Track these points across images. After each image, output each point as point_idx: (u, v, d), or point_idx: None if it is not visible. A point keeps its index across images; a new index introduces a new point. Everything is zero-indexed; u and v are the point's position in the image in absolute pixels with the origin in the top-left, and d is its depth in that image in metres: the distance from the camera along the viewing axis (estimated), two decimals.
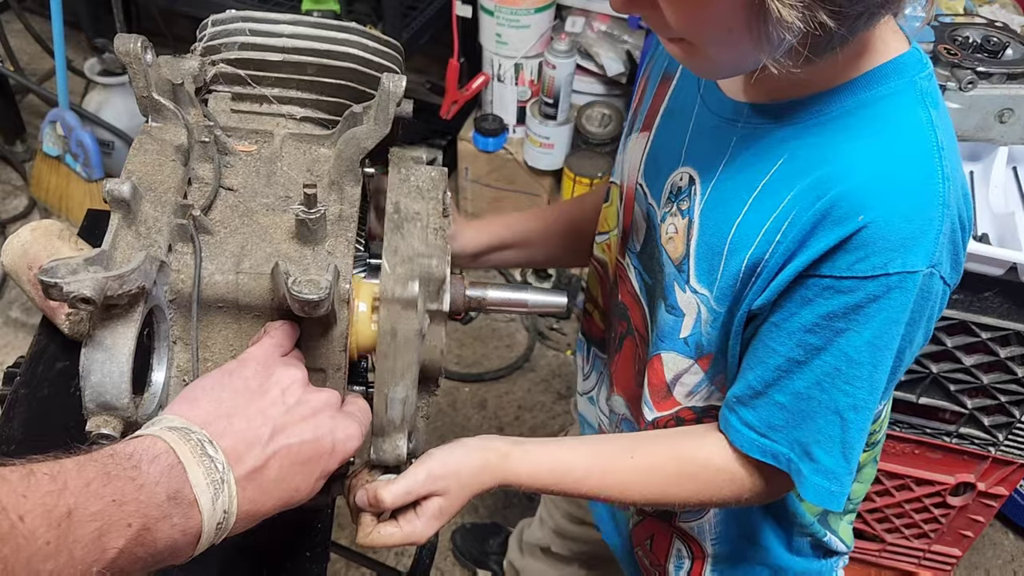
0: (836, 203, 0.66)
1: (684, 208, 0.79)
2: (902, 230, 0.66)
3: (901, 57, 0.70)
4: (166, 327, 0.65)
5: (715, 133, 0.77)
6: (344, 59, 0.76)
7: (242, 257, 0.66)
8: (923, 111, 0.69)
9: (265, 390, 0.61)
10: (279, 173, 0.74)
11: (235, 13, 0.78)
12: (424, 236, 0.73)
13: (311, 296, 0.60)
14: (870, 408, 0.74)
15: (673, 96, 0.85)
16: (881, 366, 0.71)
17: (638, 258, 0.88)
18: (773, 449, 0.76)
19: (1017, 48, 1.33)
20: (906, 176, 0.67)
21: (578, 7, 2.35)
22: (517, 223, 1.08)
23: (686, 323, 0.80)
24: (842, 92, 0.70)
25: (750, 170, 0.74)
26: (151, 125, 0.72)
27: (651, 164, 0.86)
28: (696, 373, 0.82)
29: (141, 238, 0.63)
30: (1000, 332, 1.36)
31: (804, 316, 0.70)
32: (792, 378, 0.73)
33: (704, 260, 0.77)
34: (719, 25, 0.62)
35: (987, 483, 1.59)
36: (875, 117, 0.69)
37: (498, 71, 2.39)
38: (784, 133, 0.72)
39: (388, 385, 0.69)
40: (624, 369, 0.96)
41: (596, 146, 2.42)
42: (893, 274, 0.66)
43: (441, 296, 0.71)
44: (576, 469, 0.81)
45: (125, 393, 0.59)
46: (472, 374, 2.34)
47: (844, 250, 0.67)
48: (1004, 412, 1.47)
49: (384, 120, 0.73)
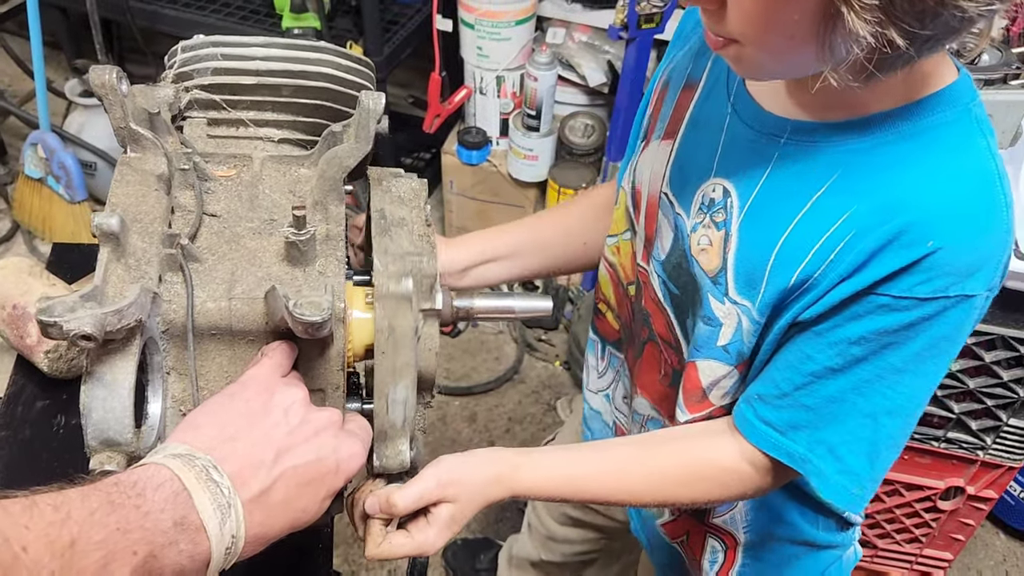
0: (906, 229, 0.67)
1: (719, 220, 0.79)
2: (969, 257, 0.67)
3: (955, 84, 0.70)
4: (160, 358, 0.64)
5: (752, 147, 0.77)
6: (318, 79, 0.76)
7: (233, 283, 0.66)
8: (982, 139, 0.70)
9: (267, 411, 0.61)
10: (261, 196, 0.74)
11: (205, 38, 0.77)
12: (412, 238, 0.74)
13: (315, 318, 0.60)
14: (906, 417, 0.74)
15: (698, 105, 0.85)
16: (924, 376, 0.72)
17: (662, 266, 0.88)
18: (789, 448, 0.77)
19: (993, 54, 1.34)
20: (975, 205, 0.68)
21: (558, 18, 2.36)
22: (503, 235, 1.07)
23: (724, 332, 0.80)
24: (899, 117, 0.70)
25: (796, 187, 0.74)
26: (130, 155, 0.71)
27: (677, 173, 0.86)
28: (733, 377, 0.83)
29: (131, 270, 0.63)
30: (985, 336, 1.37)
31: (851, 329, 0.71)
32: (825, 383, 0.74)
33: (744, 273, 0.77)
34: (783, 31, 0.62)
35: (976, 486, 1.60)
36: (936, 144, 0.69)
37: (480, 84, 2.40)
38: (834, 153, 0.72)
39: (388, 385, 0.69)
40: (647, 372, 0.96)
41: (580, 157, 2.42)
42: (952, 296, 0.67)
43: (433, 295, 0.71)
44: (586, 477, 0.82)
45: (128, 428, 0.59)
46: (461, 387, 2.33)
47: (909, 272, 0.67)
48: (991, 416, 1.48)
49: (365, 138, 0.73)
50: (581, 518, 1.31)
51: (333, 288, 0.65)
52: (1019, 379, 1.42)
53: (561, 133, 2.42)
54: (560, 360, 2.44)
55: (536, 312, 0.83)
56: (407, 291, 0.67)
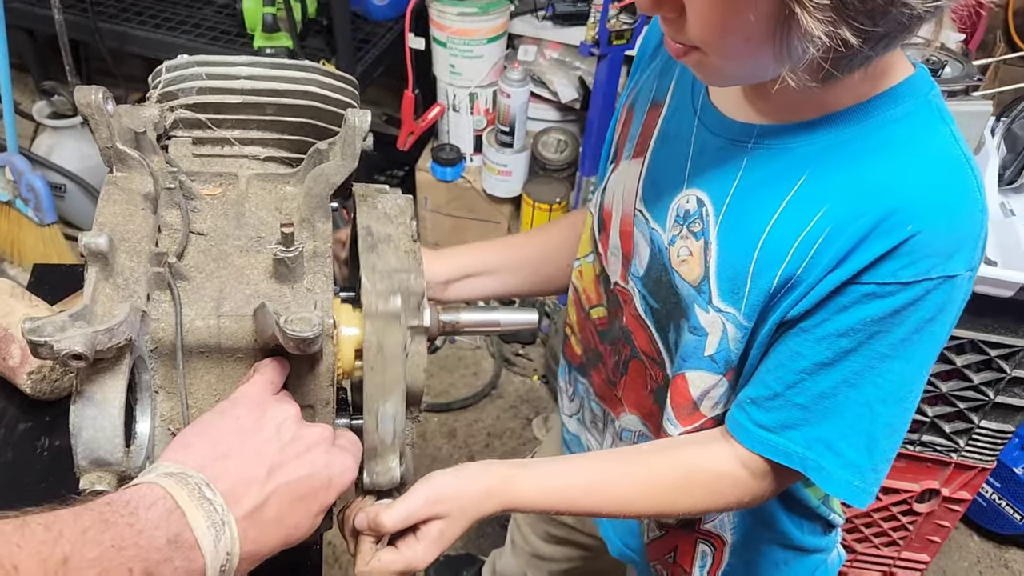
0: (885, 217, 0.69)
1: (697, 230, 0.80)
2: (948, 238, 0.69)
3: (913, 77, 0.73)
4: (148, 377, 0.64)
5: (721, 155, 0.79)
6: (303, 97, 0.77)
7: (221, 301, 0.66)
8: (944, 126, 0.72)
9: (259, 428, 0.61)
10: (248, 214, 0.74)
11: (189, 58, 0.78)
12: (399, 255, 0.74)
13: (306, 334, 0.60)
14: (900, 403, 0.75)
15: (666, 120, 0.86)
16: (913, 360, 0.73)
17: (642, 282, 0.89)
18: (786, 448, 0.77)
19: (955, 66, 1.38)
20: (949, 187, 0.70)
21: (530, 36, 2.38)
22: (485, 251, 1.08)
23: (710, 341, 0.81)
24: (861, 112, 0.72)
25: (768, 190, 0.75)
26: (116, 175, 0.71)
27: (650, 189, 0.87)
28: (723, 386, 0.84)
29: (120, 289, 0.62)
30: (956, 341, 1.40)
31: (839, 321, 0.72)
32: (816, 379, 0.75)
33: (727, 280, 0.78)
34: (740, 34, 0.64)
35: (951, 488, 1.62)
36: (901, 135, 0.71)
37: (453, 101, 2.41)
38: (802, 152, 0.74)
39: (378, 402, 0.69)
40: (634, 389, 0.97)
41: (553, 172, 2.44)
42: (935, 278, 0.69)
43: (421, 312, 0.72)
44: (579, 487, 0.82)
45: (118, 447, 0.59)
46: (440, 404, 2.33)
47: (891, 258, 0.69)
48: (963, 418, 1.51)
49: (352, 155, 0.73)
50: (564, 536, 1.30)
51: (322, 304, 0.66)
52: (989, 382, 1.45)
53: (534, 149, 2.44)
54: (538, 374, 2.44)
55: (522, 324, 0.84)
56: (396, 309, 0.67)
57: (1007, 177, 1.45)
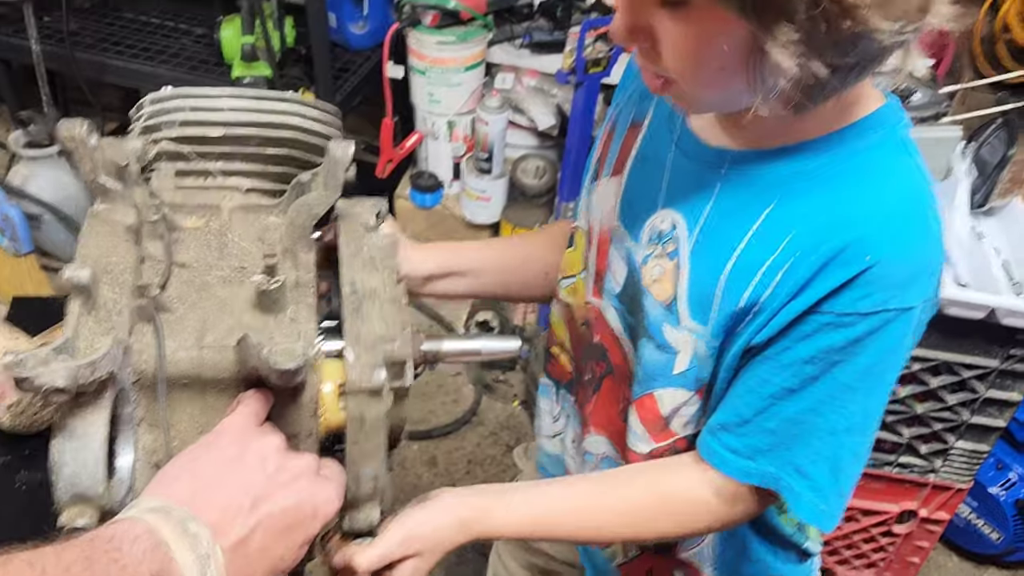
0: (844, 247, 0.70)
1: (670, 251, 0.81)
2: (905, 270, 0.70)
3: (882, 109, 0.74)
4: (130, 410, 0.64)
5: (696, 178, 0.80)
6: (285, 129, 0.77)
7: (204, 332, 0.66)
8: (909, 159, 0.74)
9: (244, 459, 0.61)
10: (231, 245, 0.74)
11: (173, 90, 0.78)
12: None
13: (289, 366, 0.60)
14: (863, 432, 0.77)
15: (644, 142, 0.87)
16: (875, 391, 0.75)
17: (619, 299, 0.90)
18: (760, 470, 0.78)
19: (925, 93, 1.42)
20: (906, 220, 0.71)
21: (507, 64, 2.41)
22: (467, 250, 1.08)
23: (681, 359, 0.82)
24: (831, 142, 0.73)
25: (740, 214, 0.76)
26: (99, 207, 0.71)
27: (626, 207, 0.88)
28: (694, 404, 0.84)
29: (102, 322, 0.62)
30: (930, 363, 1.43)
31: (802, 349, 0.73)
32: (783, 405, 0.76)
33: (696, 300, 0.79)
34: (713, 64, 0.65)
35: (929, 509, 1.64)
36: (867, 167, 0.73)
37: (432, 128, 2.43)
38: (772, 179, 0.75)
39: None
40: (604, 408, 0.97)
41: (532, 197, 2.46)
42: (892, 310, 0.70)
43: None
44: (553, 515, 0.82)
45: (100, 481, 0.58)
46: (420, 431, 2.32)
47: (849, 288, 0.70)
48: (939, 439, 1.53)
49: (334, 186, 0.74)
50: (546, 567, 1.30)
51: (305, 335, 0.66)
52: (963, 402, 1.47)
53: (513, 175, 2.46)
54: (518, 400, 2.44)
55: (504, 352, 0.84)
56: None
57: (977, 201, 1.48)
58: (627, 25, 0.68)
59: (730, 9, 0.59)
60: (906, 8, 0.59)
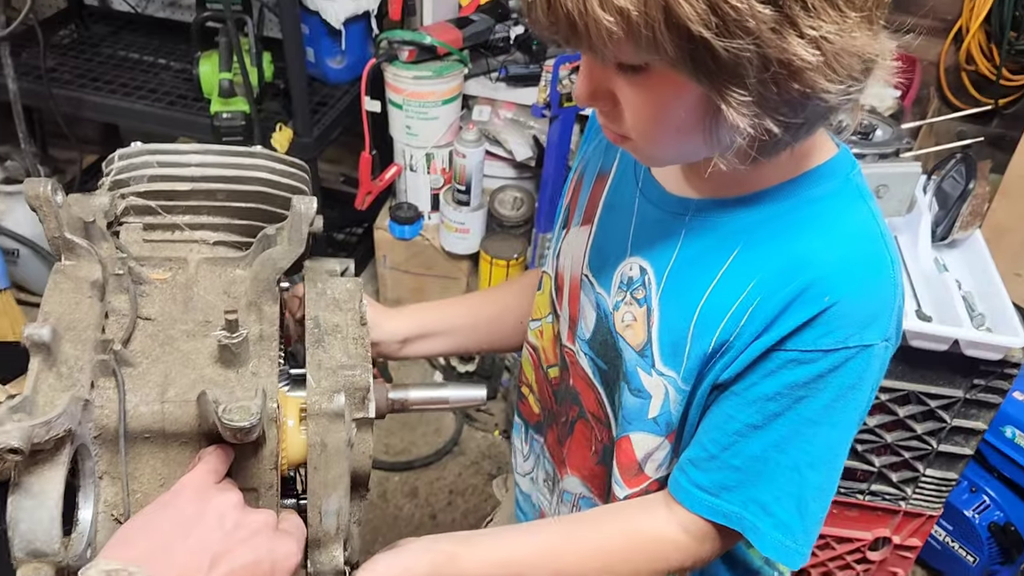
0: (806, 288, 0.73)
1: (640, 297, 0.84)
2: (862, 310, 0.73)
3: (836, 158, 0.78)
4: (91, 464, 0.64)
5: (661, 226, 0.83)
6: (253, 183, 0.79)
7: (166, 386, 0.67)
8: (863, 204, 0.77)
9: (202, 518, 0.61)
10: (196, 298, 0.75)
11: (141, 146, 0.79)
12: (345, 347, 0.75)
13: (243, 423, 0.61)
14: (828, 467, 0.78)
15: (611, 191, 0.90)
16: (837, 427, 0.77)
17: (588, 344, 0.91)
18: (724, 509, 0.80)
19: (885, 130, 1.45)
20: (863, 261, 0.74)
21: (484, 97, 2.44)
22: (442, 310, 1.10)
23: (654, 404, 0.84)
24: (788, 190, 0.77)
25: (706, 260, 0.79)
26: (64, 263, 0.72)
27: (596, 255, 0.90)
28: (665, 448, 0.86)
29: (63, 379, 0.63)
30: (898, 393, 1.45)
31: (766, 386, 0.76)
32: (748, 441, 0.77)
33: (668, 344, 0.81)
34: (671, 126, 0.68)
35: (902, 536, 1.66)
36: (824, 213, 0.76)
37: (410, 161, 2.45)
38: (735, 226, 0.78)
39: (321, 497, 0.70)
40: (578, 451, 0.98)
41: (510, 228, 2.48)
42: (852, 347, 0.73)
43: (366, 404, 0.72)
44: (525, 558, 0.83)
45: (56, 538, 0.59)
46: (401, 462, 2.32)
47: (810, 327, 0.73)
48: (909, 467, 1.55)
49: (298, 240, 0.75)
50: None
51: (265, 389, 0.66)
52: (931, 431, 1.49)
53: (491, 206, 2.48)
54: (499, 429, 2.45)
55: (470, 401, 0.85)
56: (339, 408, 0.68)
57: (939, 233, 1.51)
58: (588, 90, 0.71)
59: (685, 74, 0.62)
60: (850, 71, 0.63)
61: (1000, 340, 1.35)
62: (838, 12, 0.60)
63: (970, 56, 2.24)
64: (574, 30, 0.61)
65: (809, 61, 0.60)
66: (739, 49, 0.59)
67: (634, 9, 0.58)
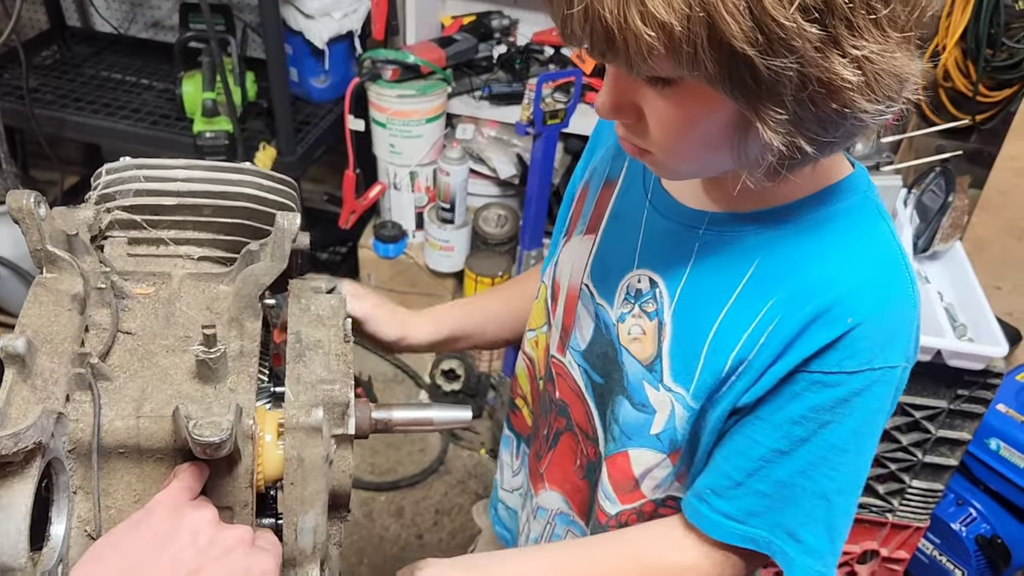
0: (827, 308, 0.71)
1: (650, 310, 0.82)
2: (884, 330, 0.72)
3: (854, 175, 0.77)
4: (65, 478, 0.63)
5: (673, 238, 0.81)
6: (239, 199, 0.78)
7: (142, 401, 0.66)
8: (882, 222, 0.76)
9: (175, 535, 0.60)
10: (178, 313, 0.75)
11: (129, 161, 0.79)
12: (326, 362, 0.74)
13: (212, 439, 0.60)
14: (854, 492, 0.78)
15: (618, 200, 0.89)
16: (864, 452, 0.76)
17: (583, 356, 0.90)
18: (752, 534, 0.78)
19: (866, 144, 1.46)
20: (885, 282, 0.73)
21: (467, 115, 2.45)
22: (463, 315, 1.08)
23: (658, 419, 0.82)
24: (808, 205, 0.75)
25: (722, 275, 0.77)
26: (45, 276, 0.72)
27: (599, 265, 0.88)
28: (666, 467, 0.84)
29: (37, 391, 0.62)
30: None
31: (791, 409, 0.74)
32: (775, 467, 0.76)
33: (679, 360, 0.80)
34: (699, 141, 0.66)
35: (889, 548, 1.66)
36: (843, 228, 0.75)
37: (394, 179, 2.45)
38: (752, 241, 0.76)
39: (297, 514, 0.69)
40: (560, 464, 0.97)
41: (495, 246, 2.49)
42: (876, 368, 0.72)
43: (346, 420, 0.71)
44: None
45: (22, 552, 0.58)
46: (387, 482, 2.30)
47: (834, 348, 0.71)
48: (895, 479, 1.55)
49: (281, 256, 0.74)
50: None
51: (241, 405, 0.65)
52: (917, 443, 1.50)
53: (475, 224, 2.48)
54: (485, 448, 2.44)
55: (455, 423, 0.84)
56: (317, 422, 0.67)
57: (920, 245, 1.52)
58: (613, 102, 0.68)
59: (720, 90, 0.60)
60: (888, 91, 0.61)
61: (982, 350, 1.35)
62: (881, 32, 0.58)
63: (947, 73, 2.27)
64: (611, 43, 0.59)
65: (850, 81, 0.58)
66: (781, 68, 0.57)
67: (677, 24, 0.56)
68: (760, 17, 0.54)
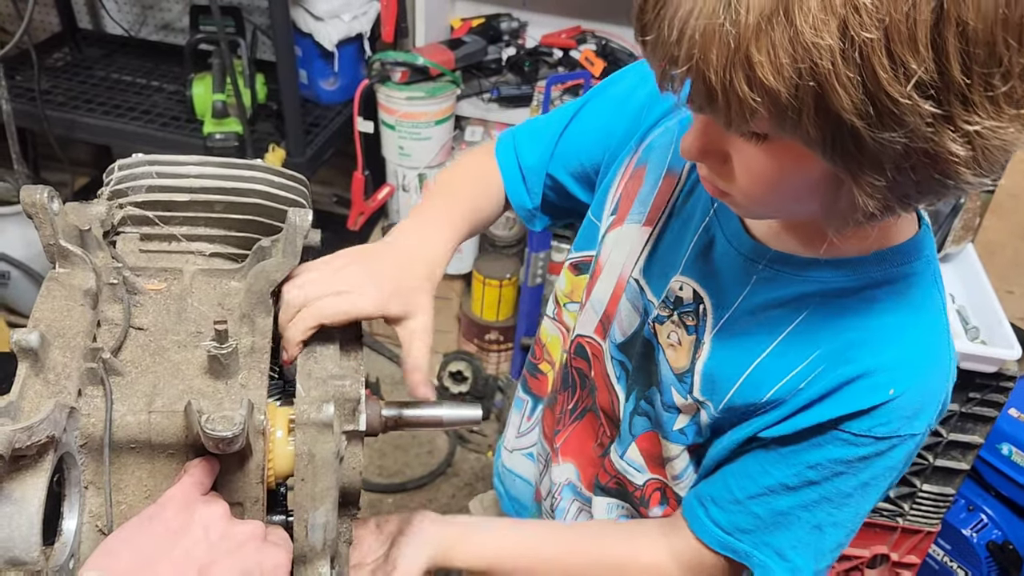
0: (871, 372, 0.72)
1: (690, 325, 0.82)
2: (917, 402, 0.73)
3: (920, 235, 0.75)
4: (77, 473, 0.63)
5: (730, 262, 0.80)
6: (251, 195, 0.78)
7: (154, 396, 0.66)
8: (937, 293, 0.76)
9: (187, 530, 0.60)
10: (189, 309, 0.75)
11: (141, 157, 0.79)
12: (337, 358, 0.75)
13: (224, 433, 0.60)
14: (850, 527, 0.79)
15: (682, 198, 0.86)
16: (870, 500, 0.77)
17: (619, 348, 0.90)
18: (734, 546, 0.80)
19: None
20: (931, 359, 0.74)
21: (476, 117, 2.45)
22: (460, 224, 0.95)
23: (681, 418, 0.84)
24: (870, 263, 0.74)
25: (771, 316, 0.77)
26: (58, 271, 0.72)
27: (652, 262, 0.87)
28: (684, 460, 0.87)
29: (50, 385, 0.62)
30: None
31: (811, 455, 0.75)
32: (778, 498, 0.78)
33: (711, 381, 0.80)
34: (787, 194, 0.65)
35: (899, 553, 1.65)
36: (901, 295, 0.73)
37: (403, 181, 2.45)
38: (808, 289, 0.75)
39: (308, 510, 0.68)
40: (580, 438, 0.98)
41: (503, 248, 2.48)
42: (903, 436, 0.73)
43: (357, 416, 0.72)
44: (510, 563, 0.85)
45: (35, 546, 0.58)
46: (395, 484, 2.30)
47: (870, 415, 0.72)
48: (906, 483, 1.54)
49: (292, 253, 0.75)
50: None
51: (253, 401, 0.66)
52: (928, 446, 1.49)
53: None
54: (492, 450, 2.44)
55: (465, 421, 0.83)
56: (328, 418, 0.67)
57: None
58: (700, 147, 0.66)
59: (819, 153, 0.58)
60: (994, 164, 0.58)
61: (995, 352, 1.34)
62: (996, 108, 0.55)
63: None
64: (711, 101, 0.57)
65: (958, 156, 0.55)
66: (888, 140, 0.54)
67: (785, 91, 0.53)
68: (874, 91, 0.52)
